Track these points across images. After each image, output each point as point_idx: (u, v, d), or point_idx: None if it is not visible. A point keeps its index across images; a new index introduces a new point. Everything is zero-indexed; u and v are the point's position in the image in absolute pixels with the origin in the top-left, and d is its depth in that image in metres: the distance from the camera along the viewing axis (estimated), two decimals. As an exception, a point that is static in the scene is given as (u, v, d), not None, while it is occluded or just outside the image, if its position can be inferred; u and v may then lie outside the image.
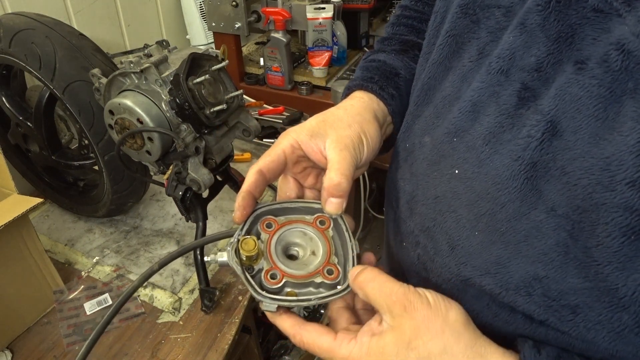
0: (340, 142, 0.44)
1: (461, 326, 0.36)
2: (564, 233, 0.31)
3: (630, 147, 0.27)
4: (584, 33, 0.30)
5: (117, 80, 0.76)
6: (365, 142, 0.46)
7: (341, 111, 0.48)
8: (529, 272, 0.34)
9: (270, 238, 0.43)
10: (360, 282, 0.39)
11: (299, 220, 0.45)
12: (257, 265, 0.42)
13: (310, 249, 0.44)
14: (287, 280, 0.40)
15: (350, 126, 0.46)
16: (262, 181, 0.45)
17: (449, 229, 0.39)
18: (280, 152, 0.45)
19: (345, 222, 0.45)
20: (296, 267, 0.42)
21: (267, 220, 0.44)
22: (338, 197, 0.43)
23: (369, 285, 0.38)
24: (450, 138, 0.39)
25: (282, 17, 1.29)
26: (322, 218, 0.45)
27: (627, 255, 0.28)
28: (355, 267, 0.41)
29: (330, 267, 0.42)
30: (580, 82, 0.30)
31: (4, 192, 0.79)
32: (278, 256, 0.42)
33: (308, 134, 0.45)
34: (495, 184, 0.35)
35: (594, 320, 0.32)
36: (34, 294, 0.81)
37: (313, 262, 0.42)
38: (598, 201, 0.29)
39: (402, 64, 0.54)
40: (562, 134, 0.31)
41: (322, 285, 0.41)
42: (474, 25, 0.39)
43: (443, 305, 0.36)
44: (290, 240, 0.44)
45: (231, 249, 0.42)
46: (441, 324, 0.35)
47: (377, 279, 0.38)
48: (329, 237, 0.44)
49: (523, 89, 0.34)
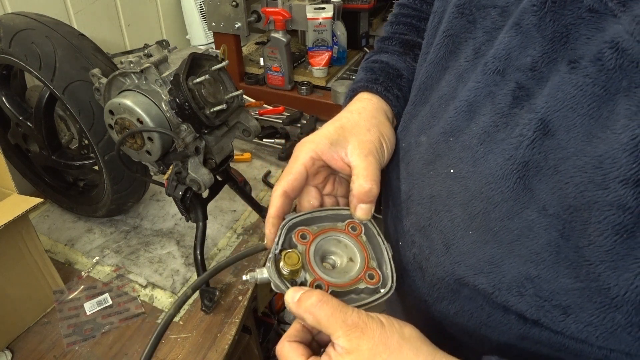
0: (363, 147, 0.44)
1: (418, 341, 0.35)
2: (555, 233, 0.31)
3: (623, 145, 0.27)
4: (579, 33, 0.31)
5: (117, 80, 0.76)
6: (385, 145, 0.46)
7: (356, 115, 0.48)
8: (521, 271, 0.34)
9: (307, 249, 0.42)
10: (308, 307, 0.36)
11: (332, 228, 0.45)
12: (299, 278, 0.41)
13: (347, 256, 0.44)
14: (332, 290, 0.40)
15: (369, 130, 0.46)
16: (288, 202, 0.45)
17: (444, 228, 0.39)
18: (302, 167, 0.44)
19: (375, 225, 0.45)
20: (337, 275, 0.41)
21: (301, 231, 0.44)
22: (368, 202, 0.43)
23: (320, 311, 0.36)
24: (446, 137, 0.39)
25: (282, 17, 1.29)
26: (353, 224, 0.45)
27: (619, 253, 0.28)
28: (291, 290, 0.39)
29: (371, 272, 0.42)
30: (574, 80, 0.30)
31: (4, 192, 0.79)
32: (318, 266, 0.42)
33: (327, 143, 0.45)
34: (489, 183, 0.35)
35: (586, 321, 0.32)
36: (34, 294, 0.81)
37: (353, 268, 0.42)
38: (590, 200, 0.29)
39: (404, 65, 0.55)
40: (554, 133, 0.31)
41: (364, 291, 0.41)
42: (470, 25, 0.39)
43: (396, 323, 0.36)
44: (326, 249, 0.44)
45: (271, 265, 0.41)
46: (398, 340, 0.34)
47: (330, 303, 0.36)
48: (363, 242, 0.44)
49: (518, 89, 0.34)
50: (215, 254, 0.97)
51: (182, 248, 0.98)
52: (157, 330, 0.43)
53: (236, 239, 1.01)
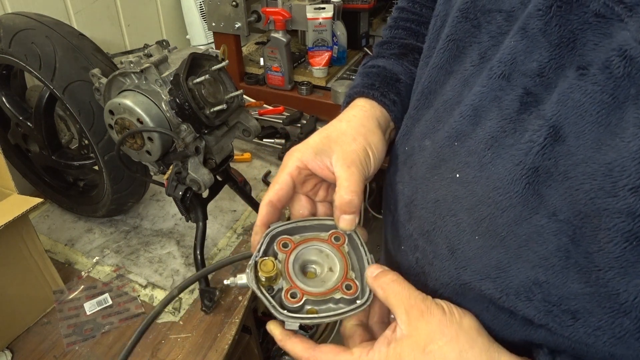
0: (347, 157, 0.45)
1: (475, 332, 0.36)
2: (565, 238, 0.31)
3: (632, 153, 0.27)
4: (586, 38, 0.30)
5: (117, 80, 0.76)
6: (371, 154, 0.46)
7: (344, 124, 0.48)
8: (529, 277, 0.34)
9: (287, 257, 0.44)
10: (381, 283, 0.40)
11: (314, 238, 0.46)
12: (277, 285, 0.42)
13: (327, 266, 0.44)
14: (307, 299, 0.41)
15: (355, 140, 0.46)
16: (275, 212, 0.46)
17: (449, 232, 0.39)
18: (288, 177, 0.45)
19: (359, 236, 0.46)
20: (315, 284, 0.42)
21: (283, 240, 0.45)
22: (350, 213, 0.43)
23: (389, 286, 0.39)
24: (451, 142, 0.39)
25: (282, 17, 1.29)
26: (337, 234, 0.46)
27: (629, 260, 0.28)
28: (373, 266, 0.42)
29: (349, 283, 0.42)
30: (583, 87, 0.30)
31: (4, 192, 0.79)
32: (296, 275, 0.43)
33: (313, 152, 0.46)
34: (497, 188, 0.35)
35: (594, 326, 0.32)
36: (34, 294, 0.81)
37: (331, 278, 0.43)
38: (600, 206, 0.29)
39: (402, 68, 0.54)
40: (564, 139, 0.31)
41: (341, 301, 0.42)
42: (475, 29, 0.39)
43: (457, 313, 0.37)
44: (307, 258, 0.45)
45: (250, 271, 0.42)
46: (456, 329, 0.36)
47: (399, 282, 0.39)
48: (344, 252, 0.45)
49: (525, 94, 0.34)
50: (215, 254, 0.97)
51: (182, 248, 0.98)
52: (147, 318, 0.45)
53: (236, 239, 1.01)
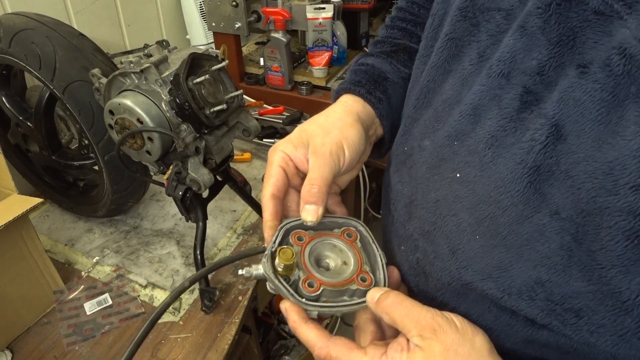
0: (317, 150, 0.45)
1: (487, 352, 0.36)
2: (568, 236, 0.31)
3: (633, 151, 0.27)
4: (585, 36, 0.30)
5: (117, 80, 0.76)
6: (346, 147, 0.46)
7: (322, 118, 0.49)
8: (531, 276, 0.34)
9: (303, 250, 0.44)
10: (385, 307, 0.39)
11: (327, 233, 0.47)
12: (293, 275, 0.43)
13: (341, 260, 0.45)
14: (324, 289, 0.41)
15: (330, 133, 0.47)
16: (279, 204, 0.46)
17: (450, 232, 0.39)
18: (279, 168, 0.46)
19: (370, 234, 0.46)
20: (330, 275, 0.43)
21: (298, 233, 0.45)
22: (312, 203, 0.44)
23: (395, 311, 0.38)
24: (451, 141, 0.39)
25: (282, 17, 1.29)
26: (349, 231, 0.47)
27: (631, 259, 0.28)
28: (372, 290, 0.41)
29: (364, 275, 0.43)
30: (583, 86, 0.30)
31: (4, 192, 0.79)
32: (312, 266, 0.43)
33: (293, 146, 0.47)
34: (498, 187, 0.35)
35: (597, 324, 0.32)
36: (34, 294, 0.81)
37: (346, 271, 0.44)
38: (602, 205, 0.29)
39: (390, 67, 0.55)
40: (565, 138, 0.31)
41: (356, 293, 0.42)
42: (474, 28, 0.39)
43: (470, 330, 0.37)
44: (321, 251, 0.46)
45: (266, 260, 0.42)
46: (469, 349, 0.35)
47: (404, 304, 0.38)
48: (357, 248, 0.46)
49: (525, 93, 0.34)
50: (215, 254, 0.97)
51: (182, 248, 0.98)
52: (153, 315, 0.44)
53: (236, 239, 1.01)
